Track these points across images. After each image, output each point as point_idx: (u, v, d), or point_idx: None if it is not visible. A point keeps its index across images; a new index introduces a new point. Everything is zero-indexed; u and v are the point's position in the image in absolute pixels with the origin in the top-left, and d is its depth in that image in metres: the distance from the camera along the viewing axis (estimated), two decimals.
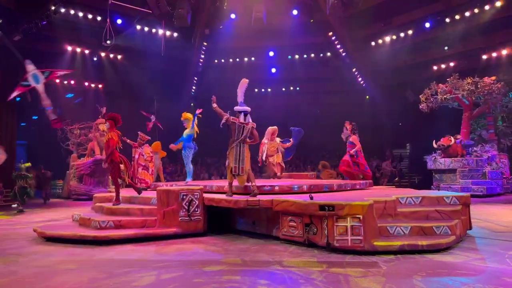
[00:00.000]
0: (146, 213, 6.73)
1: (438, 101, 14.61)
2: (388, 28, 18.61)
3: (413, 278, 3.86)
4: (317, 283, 3.76)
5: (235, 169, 6.36)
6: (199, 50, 20.57)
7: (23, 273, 4.31)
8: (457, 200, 6.00)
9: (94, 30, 16.42)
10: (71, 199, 14.76)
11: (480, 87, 13.91)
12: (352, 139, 8.45)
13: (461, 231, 5.58)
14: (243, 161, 6.38)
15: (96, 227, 6.32)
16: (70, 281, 4.07)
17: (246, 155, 6.46)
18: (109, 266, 4.54)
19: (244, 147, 6.46)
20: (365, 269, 4.21)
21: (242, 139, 6.45)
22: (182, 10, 15.30)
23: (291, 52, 21.87)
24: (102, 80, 19.37)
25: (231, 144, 6.47)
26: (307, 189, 6.95)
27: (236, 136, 6.46)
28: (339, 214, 5.01)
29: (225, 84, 23.21)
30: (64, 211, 10.58)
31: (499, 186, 13.37)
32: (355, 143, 8.45)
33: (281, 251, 5.13)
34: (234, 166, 6.36)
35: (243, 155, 6.41)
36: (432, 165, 14.18)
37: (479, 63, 17.23)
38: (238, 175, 6.42)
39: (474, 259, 4.58)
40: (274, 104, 23.01)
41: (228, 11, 18.30)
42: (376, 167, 20.12)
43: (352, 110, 23.43)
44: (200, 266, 4.44)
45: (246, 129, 6.49)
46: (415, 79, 19.19)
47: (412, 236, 5.16)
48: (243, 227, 6.71)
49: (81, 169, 14.95)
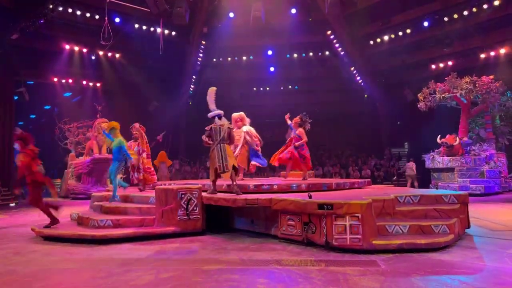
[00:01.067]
0: (145, 212, 6.73)
1: (436, 100, 14.62)
2: (386, 27, 18.60)
3: (412, 277, 3.87)
4: (315, 282, 3.76)
5: (220, 167, 6.60)
6: (198, 48, 20.52)
7: (22, 272, 4.29)
8: (455, 198, 6.02)
9: (92, 29, 16.38)
10: (69, 198, 14.72)
11: (478, 86, 13.92)
12: (299, 132, 8.33)
13: (459, 229, 5.60)
14: (226, 158, 6.64)
15: (94, 226, 6.31)
16: (69, 280, 4.06)
17: (228, 153, 6.72)
18: (107, 265, 4.53)
19: (224, 146, 6.74)
20: (364, 268, 4.21)
21: (220, 140, 6.74)
22: (180, 9, 15.29)
23: (290, 51, 21.84)
24: (100, 79, 19.31)
25: (212, 146, 6.76)
26: (306, 188, 6.95)
27: (215, 138, 6.78)
28: (337, 213, 5.01)
29: (223, 82, 23.24)
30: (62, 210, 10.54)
31: (497, 184, 13.41)
32: (301, 136, 8.32)
33: (280, 250, 5.13)
34: (218, 165, 6.61)
35: (225, 153, 6.66)
36: (430, 164, 14.20)
37: (477, 62, 17.26)
38: (223, 172, 6.64)
39: (473, 257, 4.59)
40: (272, 103, 23.00)
41: (227, 10, 18.27)
42: (374, 165, 20.17)
43: (350, 109, 23.52)
44: (199, 265, 4.44)
45: (223, 129, 6.80)
46: (414, 78, 19.22)
47: (411, 235, 5.17)
48: (241, 226, 6.71)
49: (79, 168, 14.91)
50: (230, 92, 22.68)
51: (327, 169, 20.19)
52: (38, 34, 15.45)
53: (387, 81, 21.62)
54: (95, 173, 14.74)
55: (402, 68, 19.74)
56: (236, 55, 22.06)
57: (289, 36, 20.01)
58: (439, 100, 14.60)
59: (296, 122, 8.44)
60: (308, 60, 22.28)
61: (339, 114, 24.06)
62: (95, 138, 15.34)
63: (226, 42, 20.20)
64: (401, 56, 19.38)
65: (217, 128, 6.80)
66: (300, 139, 8.30)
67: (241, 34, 19.38)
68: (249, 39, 20.45)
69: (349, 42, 20.28)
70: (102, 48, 17.41)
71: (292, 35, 19.93)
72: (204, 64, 21.80)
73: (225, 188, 7.00)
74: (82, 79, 18.91)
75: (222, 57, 22.05)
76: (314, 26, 19.98)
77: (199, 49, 20.61)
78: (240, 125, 8.87)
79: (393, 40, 18.80)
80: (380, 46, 19.61)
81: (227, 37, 19.57)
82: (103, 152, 15.17)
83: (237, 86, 22.91)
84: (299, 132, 8.33)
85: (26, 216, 9.42)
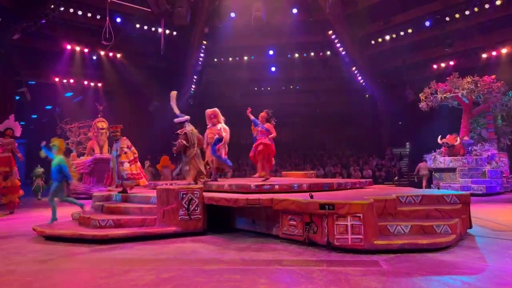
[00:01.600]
0: (146, 212, 6.72)
1: (437, 100, 14.59)
2: (387, 27, 18.59)
3: (414, 277, 3.85)
4: (317, 282, 3.75)
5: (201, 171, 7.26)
6: (199, 49, 20.54)
7: (23, 272, 4.29)
8: (457, 199, 6.00)
9: (94, 29, 16.43)
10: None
11: (480, 86, 13.89)
12: (267, 126, 8.23)
13: (461, 230, 5.58)
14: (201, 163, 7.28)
15: (95, 226, 6.31)
16: (69, 280, 4.05)
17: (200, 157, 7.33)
18: (108, 265, 4.52)
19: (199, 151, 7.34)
20: (365, 268, 4.20)
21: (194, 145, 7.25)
22: (181, 9, 15.30)
23: (291, 50, 21.85)
24: (101, 79, 19.35)
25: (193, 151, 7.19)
26: (307, 188, 6.94)
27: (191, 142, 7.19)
28: (339, 213, 4.99)
29: (224, 82, 23.31)
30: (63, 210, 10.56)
31: (499, 185, 13.37)
32: (270, 131, 8.23)
33: (281, 250, 5.12)
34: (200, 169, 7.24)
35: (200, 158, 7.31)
36: (432, 164, 14.17)
37: (479, 62, 17.23)
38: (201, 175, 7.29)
39: (475, 258, 4.58)
40: (273, 103, 22.96)
41: (228, 10, 18.28)
42: (376, 166, 20.14)
43: (351, 109, 23.53)
44: (200, 265, 4.43)
45: (194, 135, 7.24)
46: (415, 78, 19.21)
47: (413, 235, 5.15)
48: (243, 226, 6.70)
49: (81, 168, 14.93)
50: (231, 92, 22.72)
51: (328, 169, 20.17)
52: (39, 34, 15.50)
53: (388, 81, 21.62)
54: (96, 173, 14.73)
55: (403, 68, 19.72)
56: (237, 55, 22.08)
57: (290, 36, 20.01)
58: (440, 100, 14.57)
59: (263, 117, 8.24)
60: (309, 60, 22.29)
61: (340, 114, 24.07)
62: (95, 138, 15.36)
63: (227, 42, 20.22)
64: (402, 56, 19.36)
65: (189, 133, 7.19)
66: (269, 133, 8.18)
67: (242, 34, 19.39)
68: (250, 39, 20.47)
69: (350, 42, 20.28)
70: (103, 48, 17.44)
71: (293, 35, 19.94)
72: (205, 64, 21.82)
73: (226, 188, 7.00)
74: (83, 79, 18.95)
75: (223, 57, 22.07)
76: (315, 26, 20.00)
77: (200, 49, 20.62)
78: (215, 122, 8.51)
79: (394, 40, 18.79)
80: (381, 46, 19.61)
81: (228, 37, 19.59)
82: (104, 152, 15.19)
83: (238, 86, 22.94)
84: (268, 126, 8.14)
85: (28, 216, 9.43)
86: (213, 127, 8.41)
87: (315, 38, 21.07)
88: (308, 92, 24.54)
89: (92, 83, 19.29)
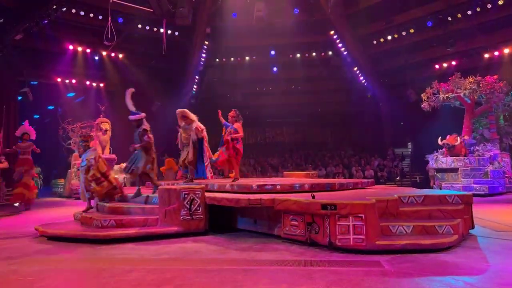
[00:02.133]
0: (148, 212, 6.73)
1: (439, 100, 14.56)
2: (389, 26, 18.54)
3: (416, 278, 3.85)
4: (319, 282, 3.75)
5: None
6: (200, 49, 20.52)
7: (25, 272, 4.30)
8: (459, 199, 5.98)
9: (96, 29, 16.43)
10: (72, 198, 14.76)
11: (482, 86, 13.86)
12: (236, 126, 8.26)
13: (463, 230, 5.56)
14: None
15: (97, 226, 6.32)
16: (71, 280, 4.06)
17: None
18: (110, 265, 4.53)
19: None
20: (367, 269, 4.19)
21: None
22: (183, 9, 15.29)
23: (292, 51, 21.81)
24: (103, 79, 19.36)
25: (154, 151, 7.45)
26: (309, 188, 6.93)
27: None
28: (341, 213, 4.99)
29: (226, 83, 23.31)
30: (65, 210, 10.59)
31: (501, 185, 13.31)
32: (238, 130, 8.25)
33: (283, 250, 5.12)
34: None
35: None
36: (434, 164, 14.14)
37: (481, 62, 17.16)
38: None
39: (477, 258, 4.57)
40: (275, 103, 22.99)
41: (230, 10, 18.27)
42: (378, 166, 20.11)
43: (353, 109, 23.50)
44: (202, 265, 4.44)
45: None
46: (417, 78, 19.16)
47: (415, 235, 5.14)
48: (244, 226, 6.70)
49: None
50: (233, 92, 22.70)
51: (330, 169, 20.15)
52: (41, 35, 15.51)
53: (390, 81, 21.57)
54: None
55: (405, 68, 19.66)
56: (239, 55, 22.05)
57: (292, 36, 19.99)
58: (442, 100, 14.54)
59: (232, 116, 8.29)
60: (310, 60, 22.24)
61: (342, 114, 24.03)
62: (98, 138, 15.37)
63: (229, 42, 20.21)
64: (404, 56, 19.31)
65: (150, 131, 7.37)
66: (237, 132, 8.21)
67: (244, 34, 19.38)
68: (252, 39, 20.44)
69: (351, 42, 20.23)
70: (106, 49, 17.45)
71: (294, 35, 19.90)
72: (207, 64, 21.81)
73: (227, 188, 7.01)
74: (86, 80, 18.96)
75: (225, 57, 22.05)
76: (317, 26, 19.95)
77: (202, 50, 20.61)
78: (189, 122, 8.33)
79: (396, 39, 18.73)
80: (383, 46, 19.56)
81: (230, 37, 19.58)
82: (106, 152, 15.21)
83: (240, 86, 22.92)
84: (237, 126, 8.20)
85: (30, 216, 9.46)
86: (187, 127, 8.31)
87: (316, 38, 21.03)
88: (310, 92, 24.48)
89: (94, 83, 19.30)
